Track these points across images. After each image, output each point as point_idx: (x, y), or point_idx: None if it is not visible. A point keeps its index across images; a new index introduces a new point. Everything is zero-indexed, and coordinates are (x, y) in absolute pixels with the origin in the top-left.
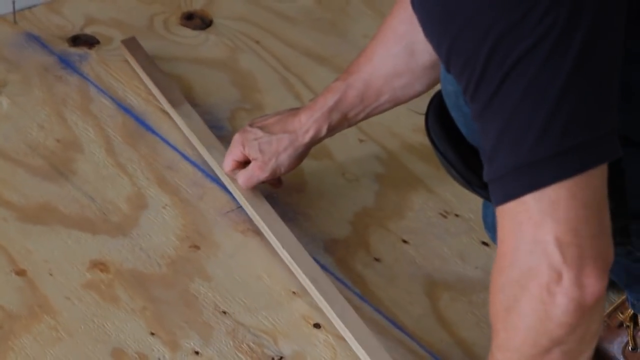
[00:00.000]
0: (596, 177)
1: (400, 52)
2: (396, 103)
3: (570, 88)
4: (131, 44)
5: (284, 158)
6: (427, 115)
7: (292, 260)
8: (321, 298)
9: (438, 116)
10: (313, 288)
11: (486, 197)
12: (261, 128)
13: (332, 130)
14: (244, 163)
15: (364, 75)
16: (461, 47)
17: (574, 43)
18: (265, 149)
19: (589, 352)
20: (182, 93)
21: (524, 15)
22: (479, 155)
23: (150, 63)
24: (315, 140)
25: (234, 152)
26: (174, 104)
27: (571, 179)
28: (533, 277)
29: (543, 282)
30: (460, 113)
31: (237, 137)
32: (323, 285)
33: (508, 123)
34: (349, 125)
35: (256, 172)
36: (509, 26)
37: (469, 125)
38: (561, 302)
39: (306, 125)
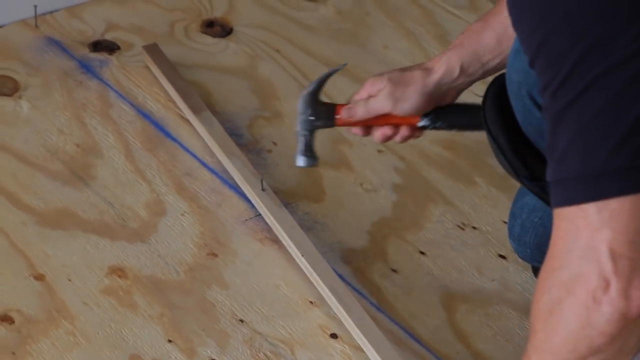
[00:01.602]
0: None
1: None
2: None
3: None
4: (153, 50)
5: (411, 92)
6: (485, 97)
7: (311, 270)
8: (340, 308)
9: (496, 100)
10: (332, 297)
11: (531, 189)
12: (396, 70)
13: (467, 75)
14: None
15: (503, 16)
16: (554, 43)
17: None
18: (394, 79)
19: None
20: (202, 100)
21: (622, 27)
22: (531, 147)
23: (171, 69)
24: (447, 83)
25: (360, 93)
26: (194, 110)
27: (637, 194)
28: (581, 282)
29: (591, 288)
30: (520, 103)
31: (368, 79)
32: (342, 295)
33: (585, 129)
34: (484, 74)
35: (382, 100)
36: (606, 35)
37: (526, 116)
38: (606, 311)
39: (438, 63)
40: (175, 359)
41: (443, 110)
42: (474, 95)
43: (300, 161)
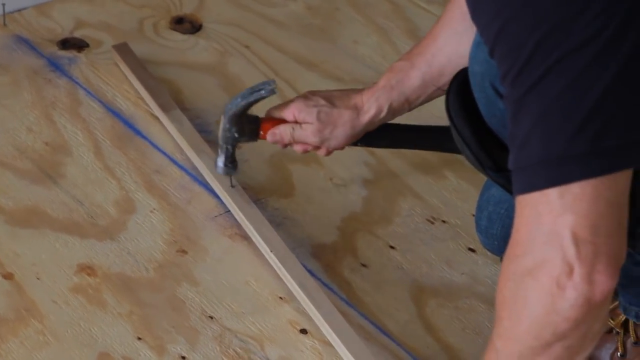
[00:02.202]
0: (622, 179)
1: (465, 31)
2: None
3: (612, 91)
4: (122, 49)
5: (340, 132)
6: (448, 91)
7: (280, 265)
8: (309, 303)
9: (459, 94)
10: (301, 293)
11: (496, 179)
12: (324, 98)
13: (393, 112)
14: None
15: (428, 56)
16: (512, 31)
17: (622, 48)
18: (323, 118)
19: (588, 350)
20: (172, 98)
21: (580, 11)
22: (495, 139)
23: (141, 68)
24: (375, 122)
25: (286, 113)
26: (164, 109)
27: (598, 178)
28: (545, 268)
29: (554, 274)
30: (483, 94)
31: (296, 100)
32: (311, 290)
33: (544, 115)
34: (410, 109)
35: (308, 135)
36: (564, 19)
37: (489, 107)
38: (570, 296)
39: (367, 104)
40: (145, 356)
41: (366, 136)
42: None
43: (220, 170)
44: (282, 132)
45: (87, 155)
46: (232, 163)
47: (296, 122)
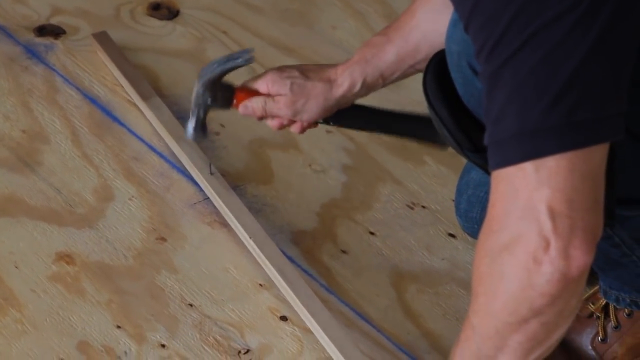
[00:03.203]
0: (597, 154)
1: (443, 8)
2: None
3: (587, 65)
4: (102, 37)
5: (312, 105)
6: (425, 72)
7: (259, 252)
8: (288, 289)
9: (436, 74)
10: (280, 279)
11: (475, 160)
12: (298, 70)
13: (367, 87)
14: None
15: (404, 31)
16: (486, 4)
17: (597, 22)
18: (296, 90)
19: (564, 327)
20: (149, 85)
21: None
22: (473, 119)
23: (120, 56)
24: (348, 96)
25: (259, 84)
26: (143, 96)
27: (573, 151)
28: (521, 243)
29: (530, 249)
30: (460, 74)
31: (270, 72)
32: (290, 276)
33: (519, 88)
34: (384, 85)
35: (281, 107)
36: None
37: (467, 87)
38: (546, 271)
39: (341, 78)
40: (125, 344)
41: (340, 114)
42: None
43: (190, 135)
44: (254, 104)
45: (64, 142)
46: (202, 129)
47: (269, 94)
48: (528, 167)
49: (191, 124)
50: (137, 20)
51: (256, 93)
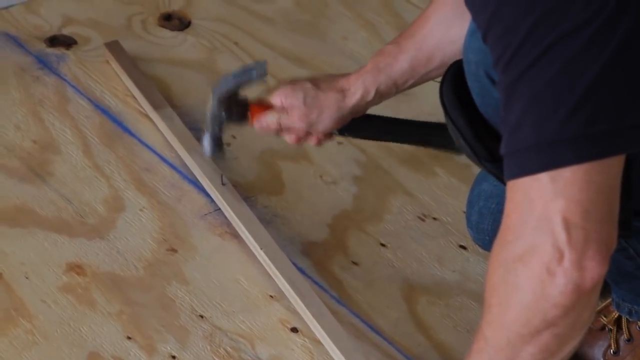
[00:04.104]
0: (613, 165)
1: (455, 17)
2: None
3: (604, 77)
4: (114, 47)
5: (326, 116)
6: (442, 81)
7: (269, 263)
8: (298, 301)
9: (454, 84)
10: (290, 291)
11: (491, 170)
12: (310, 82)
13: (381, 95)
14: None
15: (417, 39)
16: (505, 15)
17: (616, 34)
18: (309, 102)
19: (577, 339)
20: (162, 96)
21: None
22: (490, 128)
23: (132, 66)
24: (361, 104)
25: (273, 98)
26: (155, 107)
27: (590, 162)
28: (535, 254)
29: (545, 260)
30: (477, 84)
31: (283, 87)
32: (300, 288)
33: (536, 99)
34: (397, 92)
35: (295, 120)
36: (556, 5)
37: (484, 96)
38: (559, 282)
39: (354, 86)
40: (135, 355)
41: (354, 125)
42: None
43: (208, 152)
44: (268, 120)
45: (75, 153)
46: (219, 145)
47: (283, 108)
48: (544, 177)
49: (207, 141)
50: (148, 30)
51: (270, 107)
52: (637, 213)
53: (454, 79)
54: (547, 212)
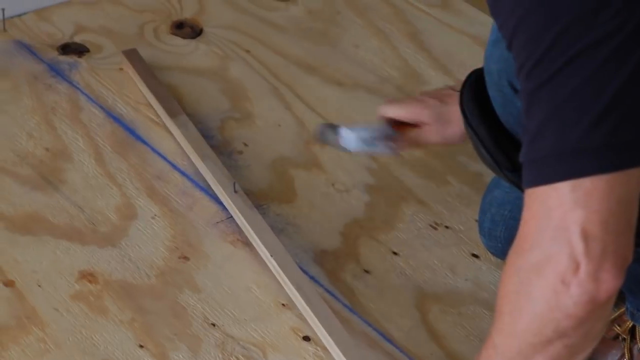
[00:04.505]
0: (634, 177)
1: None
2: None
3: (628, 88)
4: (131, 54)
5: (455, 128)
6: (462, 90)
7: (279, 271)
8: (307, 308)
9: (474, 93)
10: (299, 298)
11: (512, 179)
12: (437, 98)
13: None
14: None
15: None
16: (531, 22)
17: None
18: (437, 117)
19: (588, 350)
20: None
21: (601, 5)
22: (511, 138)
23: (149, 74)
24: None
25: (403, 114)
26: (171, 114)
27: (612, 173)
28: (551, 264)
29: (560, 270)
30: (499, 93)
31: (419, 100)
32: (309, 295)
33: (559, 108)
34: None
35: (428, 137)
36: (582, 14)
37: (506, 106)
38: (574, 293)
39: None
40: None
41: None
42: None
43: (353, 147)
44: (403, 141)
45: (87, 161)
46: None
47: (416, 125)
48: (564, 187)
49: (352, 136)
50: (160, 39)
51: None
52: None
53: (473, 88)
54: (565, 222)
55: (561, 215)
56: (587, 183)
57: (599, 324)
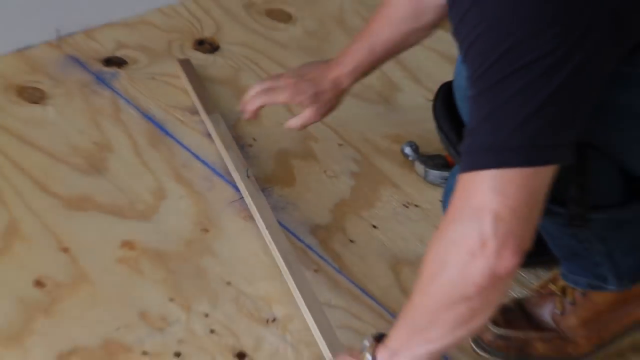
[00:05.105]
0: (546, 174)
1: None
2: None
3: (552, 101)
4: (184, 63)
5: (328, 105)
6: (435, 101)
7: (271, 241)
8: (286, 270)
9: (445, 103)
10: (282, 263)
11: None
12: (311, 80)
13: (357, 79)
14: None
15: (373, 39)
16: (485, 39)
17: (568, 66)
18: (318, 99)
19: (488, 314)
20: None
21: (541, 30)
22: None
23: (196, 79)
24: (347, 89)
25: (290, 96)
26: (208, 111)
27: (527, 168)
28: (465, 238)
29: (471, 244)
30: (465, 104)
31: (292, 84)
32: (291, 263)
33: (495, 111)
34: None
35: (313, 117)
36: (525, 36)
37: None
38: (479, 265)
39: (340, 79)
40: (176, 313)
41: None
42: (384, 124)
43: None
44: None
45: (127, 152)
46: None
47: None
48: (486, 175)
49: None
50: (185, 53)
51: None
52: (595, 207)
53: (444, 99)
54: (482, 205)
55: (480, 198)
56: (507, 174)
57: (498, 293)
